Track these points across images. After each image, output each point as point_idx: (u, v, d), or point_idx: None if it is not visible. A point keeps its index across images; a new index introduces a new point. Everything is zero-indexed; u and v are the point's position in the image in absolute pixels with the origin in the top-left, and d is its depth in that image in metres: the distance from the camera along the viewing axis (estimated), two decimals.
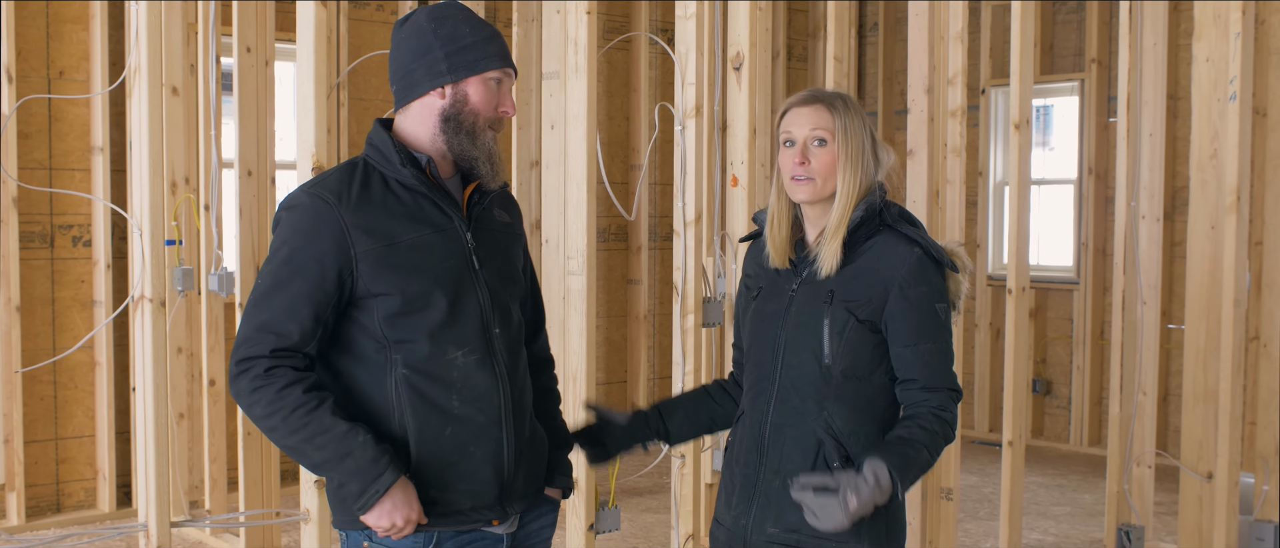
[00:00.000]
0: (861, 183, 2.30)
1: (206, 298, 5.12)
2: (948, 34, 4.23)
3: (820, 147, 2.31)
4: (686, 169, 3.81)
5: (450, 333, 2.17)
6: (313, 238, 2.13)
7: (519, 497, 2.29)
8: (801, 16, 8.23)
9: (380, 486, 2.09)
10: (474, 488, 2.21)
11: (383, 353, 2.16)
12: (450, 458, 2.18)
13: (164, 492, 3.55)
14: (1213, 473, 3.96)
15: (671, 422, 2.53)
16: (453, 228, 2.21)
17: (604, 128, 7.27)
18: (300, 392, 2.09)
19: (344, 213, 2.13)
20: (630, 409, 2.54)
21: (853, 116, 2.32)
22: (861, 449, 2.29)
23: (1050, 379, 7.50)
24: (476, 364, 2.20)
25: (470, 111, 2.21)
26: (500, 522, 2.28)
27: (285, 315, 2.11)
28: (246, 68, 4.71)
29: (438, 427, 2.17)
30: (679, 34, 3.83)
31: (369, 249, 2.13)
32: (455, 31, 2.21)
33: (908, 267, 2.27)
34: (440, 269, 2.18)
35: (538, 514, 2.40)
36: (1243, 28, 3.80)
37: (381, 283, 2.13)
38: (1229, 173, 3.87)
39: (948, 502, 4.22)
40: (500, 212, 2.34)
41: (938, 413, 2.28)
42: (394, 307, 2.14)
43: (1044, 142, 7.77)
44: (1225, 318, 3.90)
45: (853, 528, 2.25)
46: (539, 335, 2.50)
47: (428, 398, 2.16)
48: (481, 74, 2.21)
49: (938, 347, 2.29)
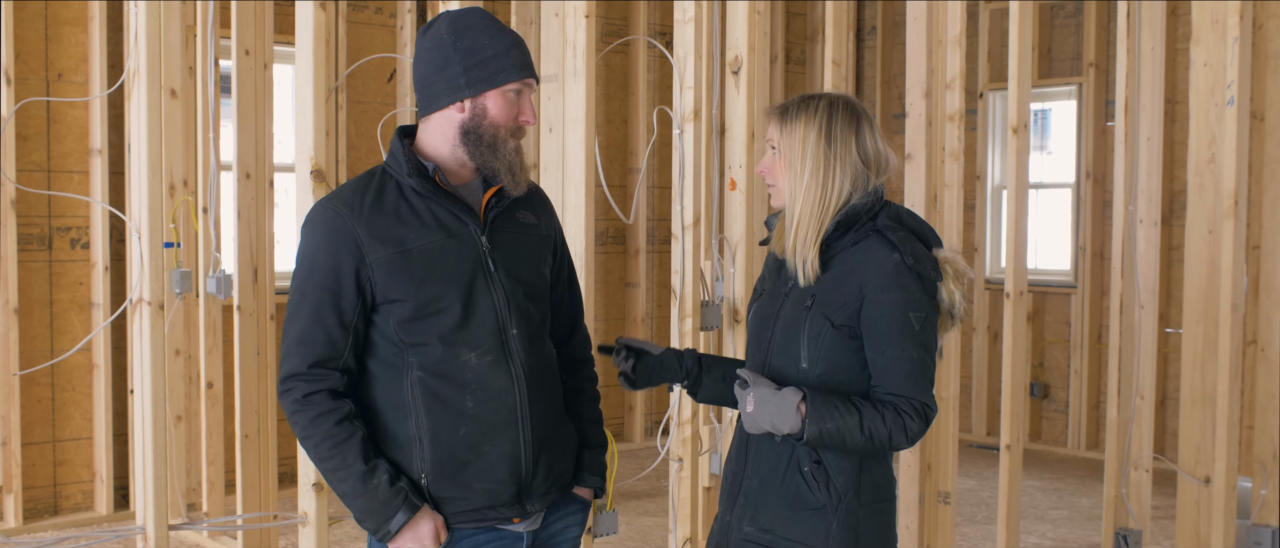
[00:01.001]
0: (818, 191, 2.30)
1: (205, 300, 5.12)
2: (946, 38, 4.23)
3: (774, 154, 2.35)
4: (685, 172, 3.81)
5: (463, 335, 2.22)
6: (329, 250, 2.21)
7: (539, 495, 2.32)
8: (800, 20, 8.24)
9: (392, 527, 2.19)
10: (490, 487, 2.25)
11: (400, 356, 2.23)
12: (465, 458, 2.23)
13: (162, 494, 3.55)
14: (1210, 477, 3.96)
15: (707, 375, 2.52)
16: (467, 232, 2.25)
17: (602, 131, 7.27)
18: (331, 424, 2.19)
19: (356, 223, 2.20)
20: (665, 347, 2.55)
21: (798, 125, 2.32)
22: (836, 456, 2.29)
23: (1048, 383, 7.51)
24: (490, 365, 2.23)
25: (490, 125, 2.25)
26: (520, 520, 2.31)
27: (314, 327, 2.21)
28: (245, 70, 4.71)
29: (452, 427, 2.22)
30: (677, 37, 3.84)
31: (382, 257, 2.20)
32: (475, 44, 2.24)
33: (883, 273, 2.25)
34: (453, 273, 2.22)
35: (564, 513, 2.42)
36: (1240, 32, 3.81)
37: (395, 289, 2.20)
38: (1227, 177, 3.87)
39: (945, 506, 4.22)
40: (525, 213, 2.36)
41: (898, 414, 2.24)
42: (407, 312, 2.20)
43: (1042, 145, 7.78)
44: (1223, 322, 3.90)
45: (820, 534, 2.28)
46: (575, 335, 2.52)
47: (442, 399, 2.22)
48: (500, 87, 2.25)
49: (906, 355, 2.24)
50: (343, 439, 2.19)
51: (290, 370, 2.21)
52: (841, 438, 2.21)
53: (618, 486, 6.22)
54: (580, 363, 2.52)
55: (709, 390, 2.54)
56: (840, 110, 2.32)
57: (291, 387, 2.21)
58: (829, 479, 2.29)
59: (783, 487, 2.32)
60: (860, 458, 2.30)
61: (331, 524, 3.63)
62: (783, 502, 2.32)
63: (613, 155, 7.42)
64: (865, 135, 2.34)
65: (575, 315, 2.53)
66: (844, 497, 2.29)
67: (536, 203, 2.42)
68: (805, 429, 2.20)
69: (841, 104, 2.34)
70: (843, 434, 2.20)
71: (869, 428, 2.21)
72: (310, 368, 2.20)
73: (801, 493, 2.30)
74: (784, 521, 2.32)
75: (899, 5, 8.01)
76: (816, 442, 2.21)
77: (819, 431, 2.20)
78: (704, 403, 2.69)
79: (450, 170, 2.28)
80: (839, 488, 2.29)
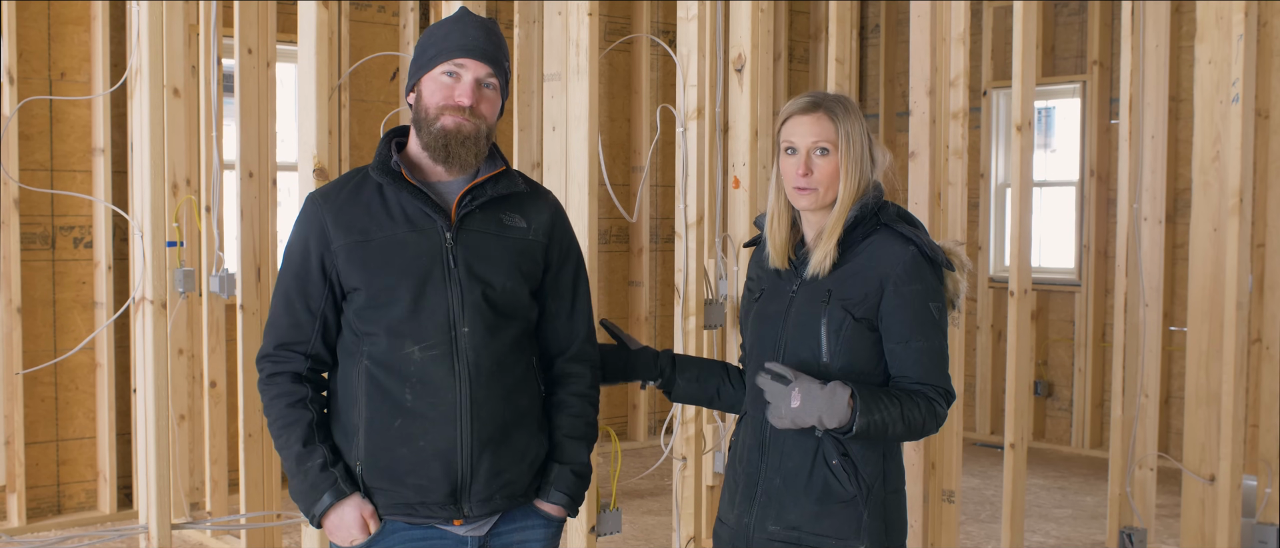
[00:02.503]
0: (860, 187, 2.33)
1: (207, 299, 5.12)
2: (949, 36, 4.22)
3: (822, 156, 2.33)
4: (688, 171, 3.81)
5: (409, 327, 2.24)
6: (301, 238, 2.30)
7: (480, 500, 2.27)
8: (803, 18, 8.23)
9: (317, 510, 2.26)
10: (421, 482, 2.25)
11: (357, 345, 2.28)
12: (397, 450, 2.25)
13: (165, 493, 3.55)
14: (1215, 476, 3.95)
15: (681, 376, 2.57)
16: (433, 227, 2.26)
17: (605, 130, 7.26)
18: (284, 406, 2.29)
19: (326, 211, 2.28)
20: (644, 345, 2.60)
21: (854, 123, 2.33)
22: (862, 446, 2.31)
23: (1052, 381, 7.50)
24: (434, 360, 2.23)
25: (423, 109, 2.29)
26: (461, 522, 2.29)
27: (283, 311, 2.31)
28: (248, 69, 4.71)
29: (387, 418, 2.24)
30: (681, 36, 3.83)
31: (344, 244, 2.25)
32: (428, 38, 2.31)
33: (902, 264, 2.28)
34: (409, 266, 2.24)
35: (522, 526, 2.36)
36: (1245, 30, 3.80)
37: (353, 277, 2.25)
38: (1231, 175, 3.86)
39: (949, 504, 4.21)
40: (513, 215, 2.33)
41: (929, 401, 2.30)
42: (361, 301, 2.26)
43: (1046, 143, 7.77)
44: (1227, 320, 3.89)
45: (852, 526, 2.28)
46: (570, 349, 2.41)
47: (383, 389, 2.25)
48: (431, 71, 2.29)
49: (930, 345, 2.30)
50: (290, 422, 2.27)
51: (260, 352, 2.33)
52: (885, 428, 2.25)
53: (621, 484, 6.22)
54: (570, 377, 2.40)
55: (685, 390, 2.58)
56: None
57: (260, 367, 2.32)
58: (857, 470, 2.31)
59: (810, 482, 2.32)
60: (882, 449, 2.33)
61: None
62: (810, 498, 2.32)
63: (616, 154, 7.41)
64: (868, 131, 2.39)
65: (574, 330, 2.41)
66: (872, 487, 2.32)
67: (536, 209, 2.37)
68: (856, 421, 2.23)
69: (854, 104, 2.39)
70: (887, 424, 2.25)
71: (908, 417, 2.26)
72: (275, 349, 2.30)
73: (831, 486, 2.31)
74: (812, 516, 2.32)
75: (902, 3, 7.99)
76: (863, 433, 2.24)
77: (868, 422, 2.23)
78: (678, 402, 2.70)
79: (424, 167, 2.31)
80: (867, 478, 2.32)
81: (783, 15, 7.76)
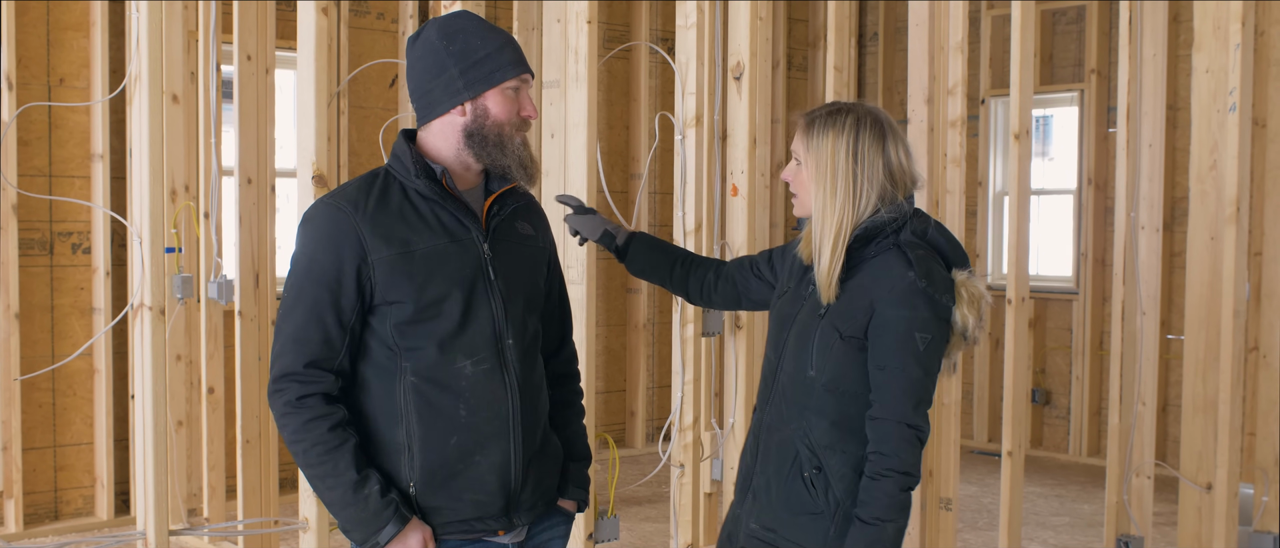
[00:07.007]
0: (843, 204, 2.28)
1: (206, 306, 5.12)
2: (948, 44, 4.23)
3: (797, 166, 2.36)
4: (687, 178, 3.81)
5: (460, 342, 2.18)
6: (330, 246, 2.16)
7: (526, 508, 2.29)
8: (802, 26, 8.24)
9: (381, 539, 2.15)
10: (479, 498, 2.22)
11: (393, 360, 2.18)
12: (455, 467, 2.19)
13: (162, 500, 3.54)
14: (1212, 484, 3.95)
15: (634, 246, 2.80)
16: (469, 238, 2.22)
17: (604, 137, 7.27)
18: (325, 430, 2.13)
19: (360, 220, 2.16)
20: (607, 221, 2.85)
21: (827, 137, 2.30)
22: (837, 464, 2.30)
23: (1049, 389, 7.50)
24: (486, 374, 2.20)
25: (494, 124, 2.22)
26: (506, 532, 2.29)
27: (311, 325, 2.15)
28: (247, 75, 4.71)
29: (443, 435, 2.18)
30: (679, 43, 3.84)
31: (385, 256, 2.15)
32: (467, 46, 2.22)
33: (894, 289, 2.25)
34: (455, 278, 2.19)
35: (548, 526, 2.40)
36: (1242, 39, 3.81)
37: (396, 290, 2.16)
38: (1228, 184, 3.86)
39: (946, 512, 4.22)
40: (524, 224, 2.34)
41: (877, 457, 2.24)
42: (406, 314, 2.16)
43: (1043, 152, 7.77)
44: (1224, 329, 3.90)
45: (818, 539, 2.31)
46: (563, 349, 2.50)
47: (434, 406, 2.17)
48: (499, 85, 2.22)
49: (905, 374, 2.23)
50: (335, 446, 2.13)
51: (283, 370, 2.15)
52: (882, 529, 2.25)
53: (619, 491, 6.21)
54: (568, 377, 2.50)
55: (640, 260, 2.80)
56: (867, 126, 2.30)
57: (283, 388, 2.14)
58: (828, 486, 2.30)
59: (786, 489, 2.34)
60: (859, 469, 2.30)
61: (332, 530, 3.63)
62: (784, 504, 2.34)
63: (614, 161, 7.42)
64: (891, 151, 2.31)
65: (564, 330, 2.51)
66: (841, 504, 2.30)
67: (535, 216, 2.40)
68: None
69: (869, 119, 2.31)
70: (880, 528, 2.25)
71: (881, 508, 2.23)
72: (305, 368, 2.14)
73: (802, 497, 2.32)
74: (786, 522, 2.35)
75: (901, 11, 8.01)
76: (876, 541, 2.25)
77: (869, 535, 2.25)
78: (635, 274, 2.88)
79: (455, 174, 2.25)
80: (837, 495, 2.30)
81: (781, 23, 7.77)
